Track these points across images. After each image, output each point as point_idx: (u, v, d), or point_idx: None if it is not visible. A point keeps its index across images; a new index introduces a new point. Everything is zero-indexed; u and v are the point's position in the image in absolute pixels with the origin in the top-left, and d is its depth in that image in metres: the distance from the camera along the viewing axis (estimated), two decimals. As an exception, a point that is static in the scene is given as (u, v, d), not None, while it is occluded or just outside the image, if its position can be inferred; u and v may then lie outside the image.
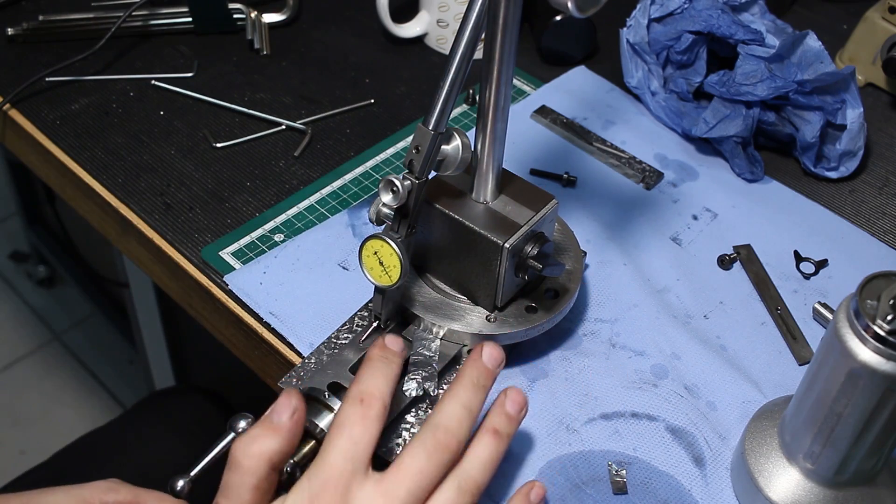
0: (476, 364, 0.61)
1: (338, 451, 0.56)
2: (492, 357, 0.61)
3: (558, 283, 0.74)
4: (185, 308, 0.86)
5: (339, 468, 0.55)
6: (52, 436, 1.72)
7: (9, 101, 0.94)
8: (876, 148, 0.96)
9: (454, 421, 0.58)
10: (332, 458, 0.56)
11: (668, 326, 0.78)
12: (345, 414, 0.57)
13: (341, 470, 0.55)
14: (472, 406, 0.59)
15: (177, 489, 0.60)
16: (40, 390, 1.84)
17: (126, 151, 0.91)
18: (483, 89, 0.65)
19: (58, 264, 1.80)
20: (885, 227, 0.88)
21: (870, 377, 0.55)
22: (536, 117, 0.96)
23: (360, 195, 0.87)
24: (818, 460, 0.62)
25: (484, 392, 0.60)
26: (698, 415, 0.72)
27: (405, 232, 0.65)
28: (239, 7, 1.04)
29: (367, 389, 0.58)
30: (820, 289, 0.82)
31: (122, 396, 1.82)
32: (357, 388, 0.58)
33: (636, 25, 0.94)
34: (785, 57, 0.89)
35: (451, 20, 1.01)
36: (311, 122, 0.95)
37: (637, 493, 0.67)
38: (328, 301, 0.77)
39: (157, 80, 0.98)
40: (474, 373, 0.60)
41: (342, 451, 0.56)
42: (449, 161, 0.66)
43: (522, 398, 0.62)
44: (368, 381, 0.59)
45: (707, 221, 0.87)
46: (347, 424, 0.57)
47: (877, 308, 0.55)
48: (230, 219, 0.85)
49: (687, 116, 0.92)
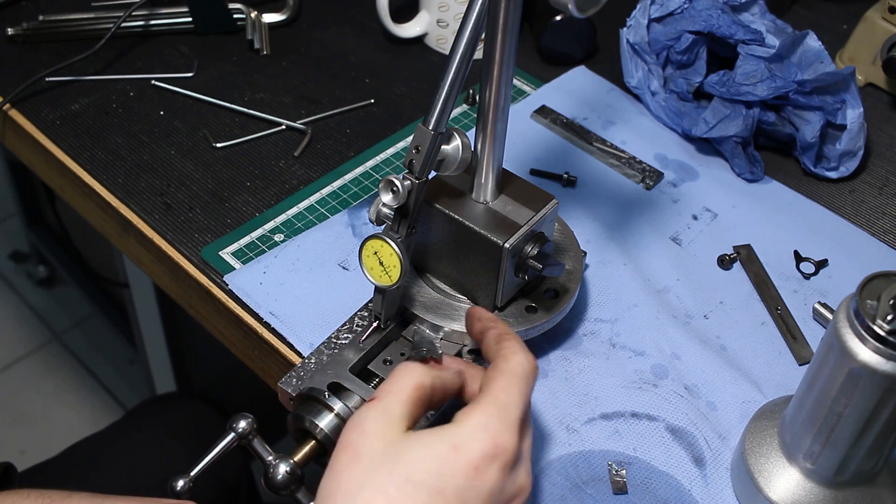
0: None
1: (522, 399, 0.56)
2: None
3: (558, 283, 0.74)
4: (185, 308, 0.86)
5: (522, 416, 0.56)
6: (52, 436, 1.72)
7: (9, 101, 0.94)
8: (876, 148, 0.96)
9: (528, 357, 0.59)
10: (517, 405, 0.55)
11: (668, 326, 0.78)
12: (521, 363, 0.57)
13: (523, 418, 0.56)
14: None
15: (177, 489, 0.60)
16: (40, 390, 1.84)
17: (126, 151, 0.91)
18: (483, 89, 0.65)
19: (58, 264, 1.80)
20: (885, 227, 0.88)
21: (870, 377, 0.55)
22: (536, 117, 0.96)
23: (360, 195, 0.87)
24: (818, 460, 0.62)
25: None
26: (698, 415, 0.72)
27: (405, 232, 0.65)
28: (239, 7, 1.04)
29: (526, 347, 0.59)
30: (820, 289, 0.82)
31: (122, 397, 1.82)
32: (520, 341, 0.60)
33: (636, 25, 0.94)
34: (785, 57, 0.89)
35: (451, 20, 1.01)
36: (311, 122, 0.95)
37: (637, 493, 0.67)
38: (328, 301, 0.77)
39: (157, 80, 0.98)
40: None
41: (525, 399, 0.56)
42: (449, 161, 0.66)
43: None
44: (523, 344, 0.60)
45: (707, 221, 0.87)
46: (527, 376, 0.57)
47: (877, 308, 0.55)
48: (230, 219, 0.85)
49: (687, 116, 0.92)
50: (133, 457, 1.02)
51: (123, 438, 1.06)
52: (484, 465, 0.53)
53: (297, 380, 0.68)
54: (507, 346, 0.59)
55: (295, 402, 0.67)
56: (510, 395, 0.55)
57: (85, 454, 1.03)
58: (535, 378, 0.58)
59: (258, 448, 0.62)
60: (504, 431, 0.54)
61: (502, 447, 0.53)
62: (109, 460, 1.02)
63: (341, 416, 0.64)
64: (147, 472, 1.00)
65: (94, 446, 1.05)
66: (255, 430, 0.62)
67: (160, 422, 1.08)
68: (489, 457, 0.53)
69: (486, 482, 0.53)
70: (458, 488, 0.52)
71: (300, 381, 0.68)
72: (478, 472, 0.52)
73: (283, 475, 0.60)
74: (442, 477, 0.52)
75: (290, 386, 0.68)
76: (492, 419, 0.54)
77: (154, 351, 1.38)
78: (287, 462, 0.61)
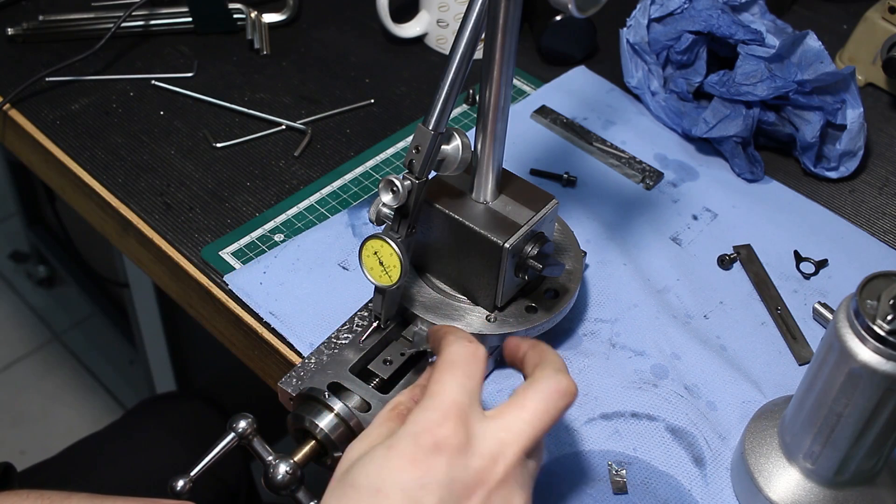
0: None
1: (456, 383, 0.53)
2: None
3: (558, 283, 0.74)
4: (185, 308, 0.86)
5: (459, 400, 0.52)
6: (52, 436, 1.72)
7: (9, 101, 0.94)
8: (876, 148, 0.96)
9: (566, 373, 0.56)
10: (450, 391, 0.53)
11: (668, 326, 0.78)
12: (456, 352, 0.55)
13: (461, 402, 0.52)
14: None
15: (177, 489, 0.60)
16: (40, 390, 1.84)
17: (126, 151, 0.91)
18: (483, 89, 0.65)
19: (58, 264, 1.80)
20: (885, 227, 0.88)
21: (870, 377, 0.55)
22: (536, 117, 0.96)
23: (360, 195, 0.87)
24: (818, 460, 0.62)
25: None
26: (698, 415, 0.72)
27: (405, 232, 0.65)
28: (239, 7, 1.04)
29: (469, 335, 0.57)
30: (820, 289, 0.82)
31: (122, 396, 1.82)
32: (458, 333, 0.57)
33: (636, 25, 0.94)
34: (785, 57, 0.89)
35: (451, 20, 1.01)
36: (311, 122, 0.95)
37: (637, 493, 0.67)
38: (328, 301, 0.77)
39: (157, 80, 0.98)
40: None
41: (460, 384, 0.53)
42: (449, 161, 0.66)
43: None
44: (462, 332, 0.58)
45: (707, 221, 0.87)
46: (460, 361, 0.54)
47: (877, 308, 0.55)
48: (230, 219, 0.85)
49: (687, 116, 0.92)
50: (133, 457, 1.02)
51: (123, 438, 1.06)
52: (421, 457, 0.51)
53: (297, 380, 0.68)
54: (445, 340, 0.57)
55: (295, 402, 0.67)
56: (440, 383, 0.53)
57: (84, 454, 1.03)
58: (477, 362, 0.55)
59: (258, 448, 0.62)
60: (437, 420, 0.52)
61: (438, 436, 0.51)
62: (109, 460, 1.02)
63: (341, 416, 0.64)
64: (147, 472, 1.00)
65: (94, 446, 1.05)
66: (255, 430, 0.62)
67: (160, 422, 1.08)
68: (425, 448, 0.51)
69: (429, 474, 0.50)
70: (399, 484, 0.50)
71: (300, 381, 0.68)
72: (416, 465, 0.51)
73: (283, 475, 0.60)
74: (380, 476, 0.51)
75: (290, 386, 0.68)
76: (423, 411, 0.53)
77: (154, 351, 1.38)
78: (287, 462, 0.61)
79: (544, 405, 0.54)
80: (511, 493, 0.52)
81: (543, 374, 0.55)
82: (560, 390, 0.55)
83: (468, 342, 0.56)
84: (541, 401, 0.54)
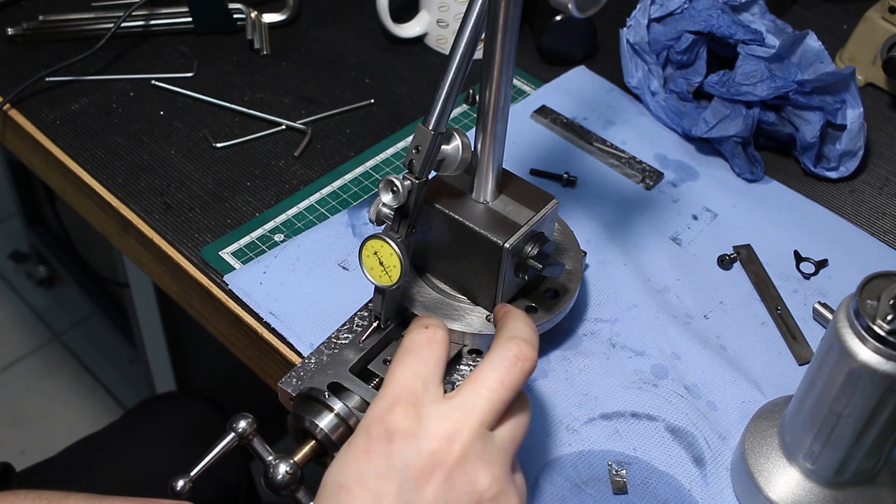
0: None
1: (406, 369, 0.53)
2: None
3: (558, 283, 0.74)
4: (185, 308, 0.86)
5: (409, 385, 0.53)
6: (52, 436, 1.72)
7: (9, 101, 0.94)
8: (876, 148, 0.96)
9: (529, 333, 0.56)
10: (400, 377, 0.53)
11: (668, 326, 0.78)
12: (410, 339, 0.55)
13: (412, 387, 0.53)
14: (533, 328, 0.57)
15: (177, 489, 0.60)
16: (40, 390, 1.84)
17: (126, 151, 0.91)
18: (483, 89, 0.65)
19: (58, 264, 1.80)
20: (885, 227, 0.88)
21: (870, 377, 0.55)
22: (536, 117, 0.96)
23: (360, 195, 0.87)
24: (818, 460, 0.62)
25: None
26: (698, 415, 0.72)
27: (405, 232, 0.65)
28: (239, 7, 1.04)
29: (429, 321, 0.57)
30: (820, 289, 0.82)
31: (122, 396, 1.82)
32: (418, 321, 0.57)
33: (636, 25, 0.94)
34: (785, 57, 0.89)
35: (451, 20, 1.01)
36: (311, 122, 0.95)
37: (637, 493, 0.67)
38: (328, 301, 0.77)
39: (157, 80, 0.98)
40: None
41: (411, 369, 0.53)
42: (449, 161, 0.66)
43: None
44: (427, 318, 0.57)
45: (707, 221, 0.87)
46: (414, 348, 0.55)
47: (877, 308, 0.55)
48: (230, 219, 0.85)
49: (687, 116, 0.92)
50: (132, 457, 1.02)
51: (123, 438, 1.06)
52: (374, 447, 0.51)
53: (297, 380, 0.68)
54: (407, 330, 0.58)
55: (295, 402, 0.67)
56: (391, 372, 0.54)
57: (84, 454, 1.03)
58: (433, 345, 0.55)
59: (258, 448, 0.62)
60: (385, 408, 0.52)
61: (388, 423, 0.51)
62: (108, 460, 1.02)
63: (341, 416, 0.64)
64: (146, 472, 1.00)
65: (94, 446, 1.05)
66: (255, 430, 0.62)
67: (160, 422, 1.08)
68: (377, 437, 0.51)
69: (384, 462, 0.51)
70: (357, 477, 0.51)
71: (300, 381, 0.68)
72: (370, 456, 0.51)
73: (283, 475, 0.60)
74: (342, 472, 0.52)
75: (290, 386, 0.68)
76: (375, 402, 0.53)
77: (154, 351, 1.38)
78: (287, 462, 0.61)
79: (498, 375, 0.54)
80: (474, 470, 0.52)
81: (497, 344, 0.56)
82: (512, 357, 0.54)
83: (424, 328, 0.56)
84: (494, 370, 0.54)
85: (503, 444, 0.54)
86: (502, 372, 0.54)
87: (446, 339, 0.56)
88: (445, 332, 0.57)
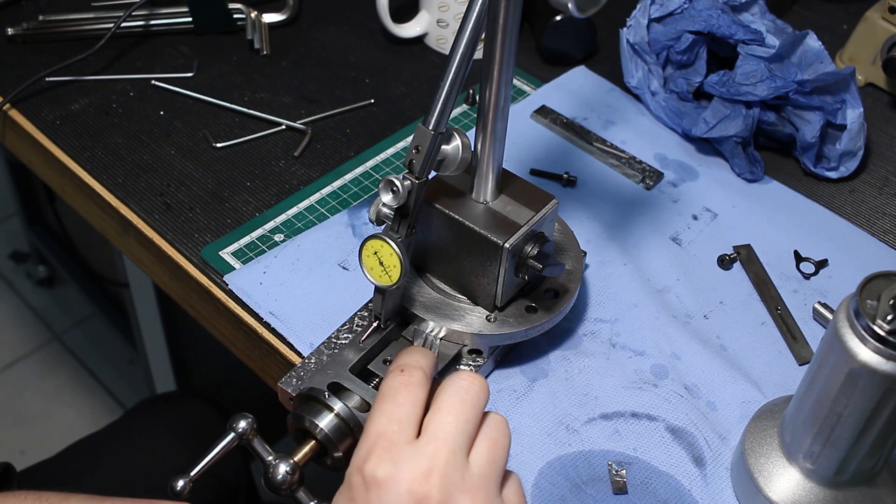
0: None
1: (381, 415, 0.54)
2: None
3: (558, 283, 0.74)
4: (185, 308, 0.86)
5: (384, 430, 0.53)
6: (52, 436, 1.72)
7: (9, 101, 0.94)
8: (876, 148, 0.96)
9: (476, 384, 0.56)
10: (375, 423, 0.54)
11: (668, 326, 0.78)
12: (386, 384, 0.56)
13: (386, 432, 0.53)
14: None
15: (177, 489, 0.60)
16: (40, 390, 1.84)
17: (126, 151, 0.91)
18: (483, 89, 0.65)
19: (58, 264, 1.80)
20: (885, 227, 0.88)
21: (870, 377, 0.55)
22: (536, 117, 0.96)
23: (360, 195, 0.87)
24: (818, 460, 0.62)
25: None
26: (698, 415, 0.72)
27: (405, 232, 0.65)
28: (239, 7, 1.04)
29: (406, 362, 0.57)
30: (820, 289, 0.82)
31: (122, 396, 1.82)
32: (396, 363, 0.57)
33: (636, 25, 0.94)
34: (785, 57, 0.89)
35: (451, 20, 1.01)
36: (311, 122, 0.95)
37: (637, 493, 0.67)
38: (328, 301, 0.77)
39: (157, 80, 0.98)
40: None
41: (385, 414, 0.54)
42: (449, 161, 0.66)
43: None
44: (407, 357, 0.58)
45: (707, 221, 0.87)
46: (389, 392, 0.55)
47: (877, 308, 0.55)
48: (230, 219, 0.85)
49: (687, 116, 0.92)
50: (132, 457, 1.02)
51: (123, 438, 1.06)
52: (357, 497, 0.52)
53: (297, 380, 0.68)
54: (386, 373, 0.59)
55: (295, 402, 0.67)
56: (368, 419, 0.55)
57: (84, 454, 1.03)
58: (409, 388, 0.56)
59: (258, 448, 0.62)
60: (363, 456, 0.53)
61: (365, 473, 0.53)
62: (108, 460, 1.02)
63: (341, 416, 0.64)
64: (146, 472, 1.00)
65: (94, 446, 1.05)
66: (255, 430, 0.62)
67: (160, 421, 1.08)
68: (357, 487, 0.53)
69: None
70: None
71: (300, 381, 0.68)
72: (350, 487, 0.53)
73: (283, 475, 0.60)
74: None
75: (290, 386, 0.68)
76: (355, 450, 0.54)
77: (154, 351, 1.38)
78: (287, 462, 0.61)
79: (458, 396, 0.54)
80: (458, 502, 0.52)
81: (447, 380, 0.56)
82: (465, 376, 0.55)
83: (399, 371, 0.56)
84: (451, 395, 0.54)
85: (481, 470, 0.54)
86: (461, 393, 0.55)
87: (424, 380, 0.56)
88: (423, 372, 0.57)
